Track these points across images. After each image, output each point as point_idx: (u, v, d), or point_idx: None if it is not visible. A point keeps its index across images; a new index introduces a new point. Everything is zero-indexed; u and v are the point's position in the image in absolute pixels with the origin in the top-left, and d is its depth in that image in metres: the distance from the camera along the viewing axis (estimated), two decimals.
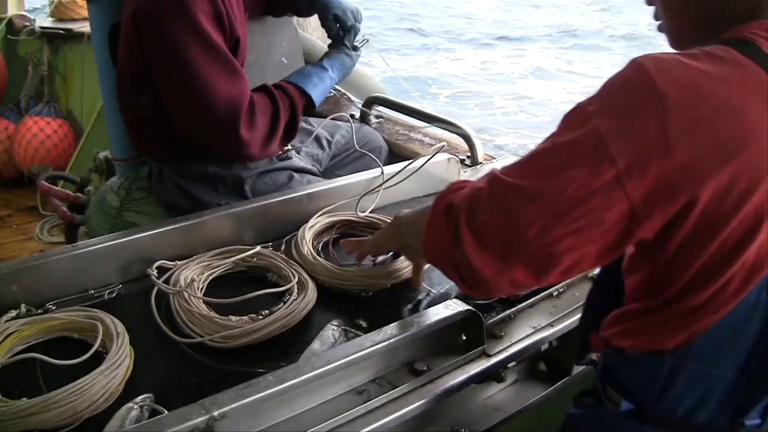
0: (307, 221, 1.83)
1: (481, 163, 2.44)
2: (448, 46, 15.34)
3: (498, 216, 1.11)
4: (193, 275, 1.60)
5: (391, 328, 1.32)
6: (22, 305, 1.50)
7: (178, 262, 1.66)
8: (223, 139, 1.99)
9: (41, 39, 4.43)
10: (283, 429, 1.18)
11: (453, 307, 1.39)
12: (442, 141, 2.70)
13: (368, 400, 1.25)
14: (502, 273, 1.12)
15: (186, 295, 1.51)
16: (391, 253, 1.71)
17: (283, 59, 2.58)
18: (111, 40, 2.22)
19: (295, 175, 2.24)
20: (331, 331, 1.44)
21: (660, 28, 1.25)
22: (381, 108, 2.95)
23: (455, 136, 2.61)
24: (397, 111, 2.87)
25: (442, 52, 14.79)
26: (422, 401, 1.30)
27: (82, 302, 1.56)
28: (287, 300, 1.54)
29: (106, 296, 1.60)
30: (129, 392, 1.27)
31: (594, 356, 1.36)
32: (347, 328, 1.47)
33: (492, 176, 1.16)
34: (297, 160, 2.27)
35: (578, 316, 1.55)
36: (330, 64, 2.28)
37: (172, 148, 2.10)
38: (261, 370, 1.29)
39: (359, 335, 1.38)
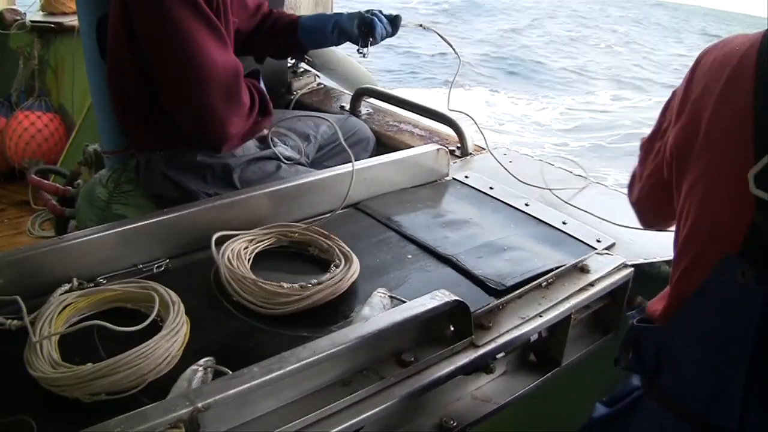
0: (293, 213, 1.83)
1: (471, 153, 2.44)
2: None
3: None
4: (239, 248, 1.66)
5: (377, 319, 1.32)
6: (74, 279, 1.55)
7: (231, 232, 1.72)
8: (223, 105, 1.98)
9: (32, 33, 4.40)
10: (268, 421, 1.17)
11: (440, 297, 1.38)
12: (431, 132, 2.70)
13: (354, 392, 1.24)
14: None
15: (235, 264, 1.58)
16: None
17: None
18: (99, 32, 2.21)
19: (283, 165, 2.24)
20: (379, 297, 1.50)
21: None
22: (371, 99, 2.94)
23: (445, 126, 2.60)
24: (387, 102, 2.87)
25: None
26: (409, 392, 1.30)
27: (130, 276, 1.61)
28: (333, 270, 1.61)
29: (155, 270, 1.66)
30: (187, 358, 1.34)
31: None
32: (393, 295, 1.52)
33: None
34: (284, 150, 2.26)
35: (568, 306, 1.56)
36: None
37: (160, 135, 2.10)
38: (314, 335, 1.37)
39: (404, 302, 1.42)
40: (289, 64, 3.13)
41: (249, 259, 1.65)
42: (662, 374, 1.30)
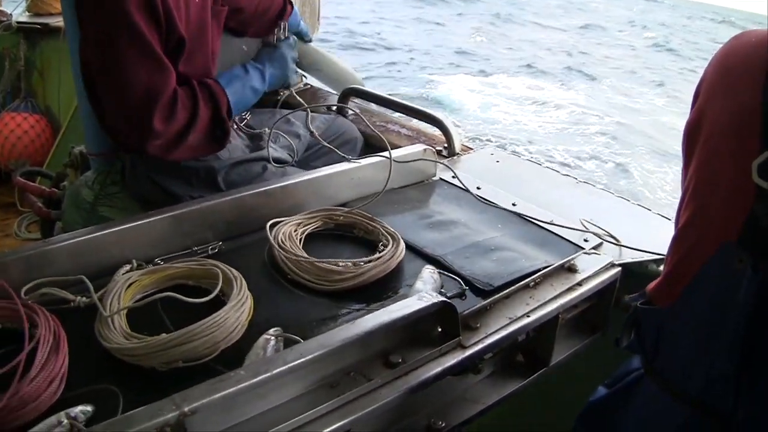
0: (281, 214, 1.84)
1: (458, 154, 2.43)
2: None
3: None
4: (290, 231, 1.77)
5: (365, 321, 1.31)
6: (134, 260, 1.64)
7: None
8: (134, 128, 1.93)
9: (18, 34, 4.37)
10: (256, 424, 1.17)
11: (427, 298, 1.38)
12: (418, 132, 2.70)
13: (342, 394, 1.24)
14: None
15: (289, 245, 1.70)
16: None
17: (243, 47, 2.56)
18: None
19: (269, 166, 2.23)
20: (429, 272, 1.61)
21: None
22: (358, 100, 2.94)
23: (432, 127, 2.60)
24: (374, 102, 2.87)
25: None
26: (397, 394, 1.29)
27: (185, 258, 1.68)
28: (382, 249, 1.72)
29: (209, 251, 1.76)
30: (252, 330, 1.44)
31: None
32: (441, 271, 1.65)
33: None
34: (271, 151, 2.25)
35: (555, 306, 1.56)
36: (254, 65, 2.33)
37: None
38: (370, 309, 1.55)
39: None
40: None
41: (301, 240, 1.78)
42: (660, 356, 1.34)
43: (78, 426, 1.15)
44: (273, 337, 1.36)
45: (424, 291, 1.46)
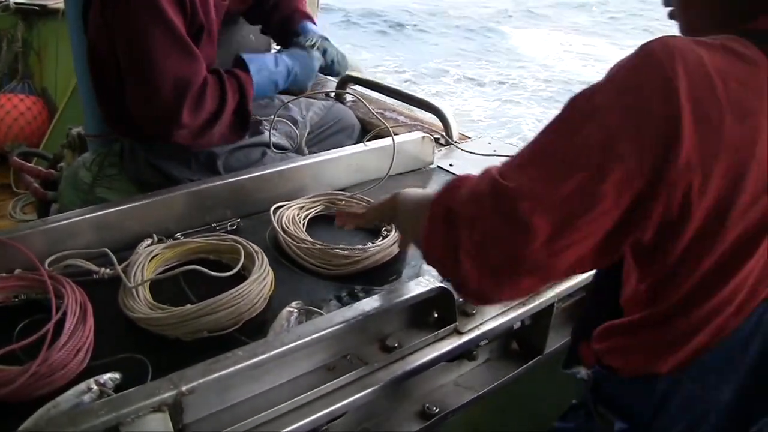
0: (279, 199, 1.84)
1: (455, 142, 2.43)
2: None
3: (501, 225, 1.01)
4: (293, 215, 1.81)
5: (362, 304, 1.32)
6: (154, 234, 1.68)
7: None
8: (162, 119, 1.93)
9: (16, 15, 4.35)
10: (252, 405, 1.17)
11: (425, 284, 1.39)
12: (416, 120, 2.70)
13: (338, 377, 1.25)
14: (502, 285, 1.06)
15: (293, 229, 1.74)
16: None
17: (252, 36, 2.56)
18: (84, 16, 2.19)
19: (269, 151, 2.23)
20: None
21: (671, 15, 1.17)
22: (356, 87, 2.93)
23: (430, 115, 2.60)
24: (372, 90, 2.86)
25: None
26: (393, 378, 1.30)
27: (204, 233, 1.74)
28: (386, 234, 1.75)
29: (228, 227, 1.81)
30: (272, 304, 1.50)
31: (584, 373, 1.31)
32: None
33: (493, 179, 1.05)
34: (270, 137, 2.25)
35: (551, 294, 1.56)
36: (285, 62, 2.26)
37: (132, 125, 2.07)
38: (382, 287, 1.59)
39: None
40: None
41: (303, 224, 1.81)
42: (661, 419, 1.14)
43: (107, 392, 1.18)
44: (295, 310, 1.41)
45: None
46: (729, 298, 1.02)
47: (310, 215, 1.85)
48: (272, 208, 1.77)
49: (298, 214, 1.81)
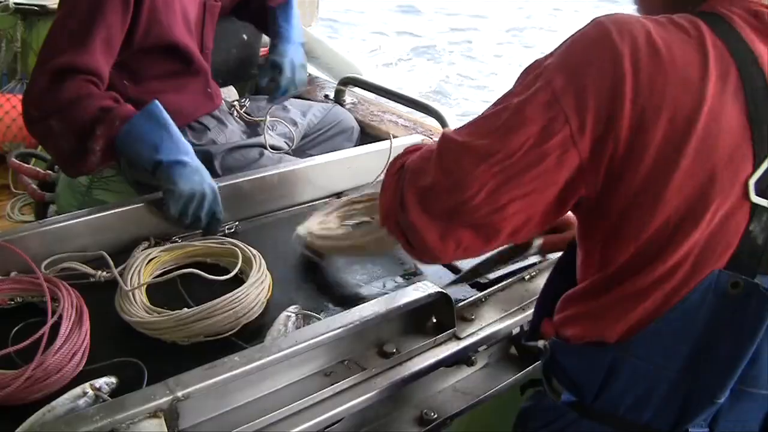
0: (277, 202, 1.84)
1: None
2: None
3: (445, 176, 1.09)
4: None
5: (360, 310, 1.31)
6: (151, 237, 1.69)
7: None
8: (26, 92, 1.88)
9: (15, 15, 4.33)
10: (249, 410, 1.17)
11: (423, 289, 1.38)
12: (415, 123, 2.69)
13: (335, 382, 1.24)
14: (446, 237, 1.12)
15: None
16: None
17: (244, 36, 2.56)
18: None
19: (266, 152, 2.23)
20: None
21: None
22: (356, 89, 2.93)
23: (429, 117, 2.60)
24: (372, 92, 2.86)
25: None
26: (391, 384, 1.29)
27: (203, 236, 1.73)
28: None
29: (226, 230, 1.81)
30: (270, 308, 1.52)
31: (541, 344, 1.28)
32: None
33: (443, 135, 1.13)
34: (268, 137, 2.24)
35: None
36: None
37: None
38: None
39: None
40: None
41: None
42: (608, 393, 1.16)
43: (103, 396, 1.18)
44: (293, 314, 1.42)
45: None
46: (674, 267, 1.04)
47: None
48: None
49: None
